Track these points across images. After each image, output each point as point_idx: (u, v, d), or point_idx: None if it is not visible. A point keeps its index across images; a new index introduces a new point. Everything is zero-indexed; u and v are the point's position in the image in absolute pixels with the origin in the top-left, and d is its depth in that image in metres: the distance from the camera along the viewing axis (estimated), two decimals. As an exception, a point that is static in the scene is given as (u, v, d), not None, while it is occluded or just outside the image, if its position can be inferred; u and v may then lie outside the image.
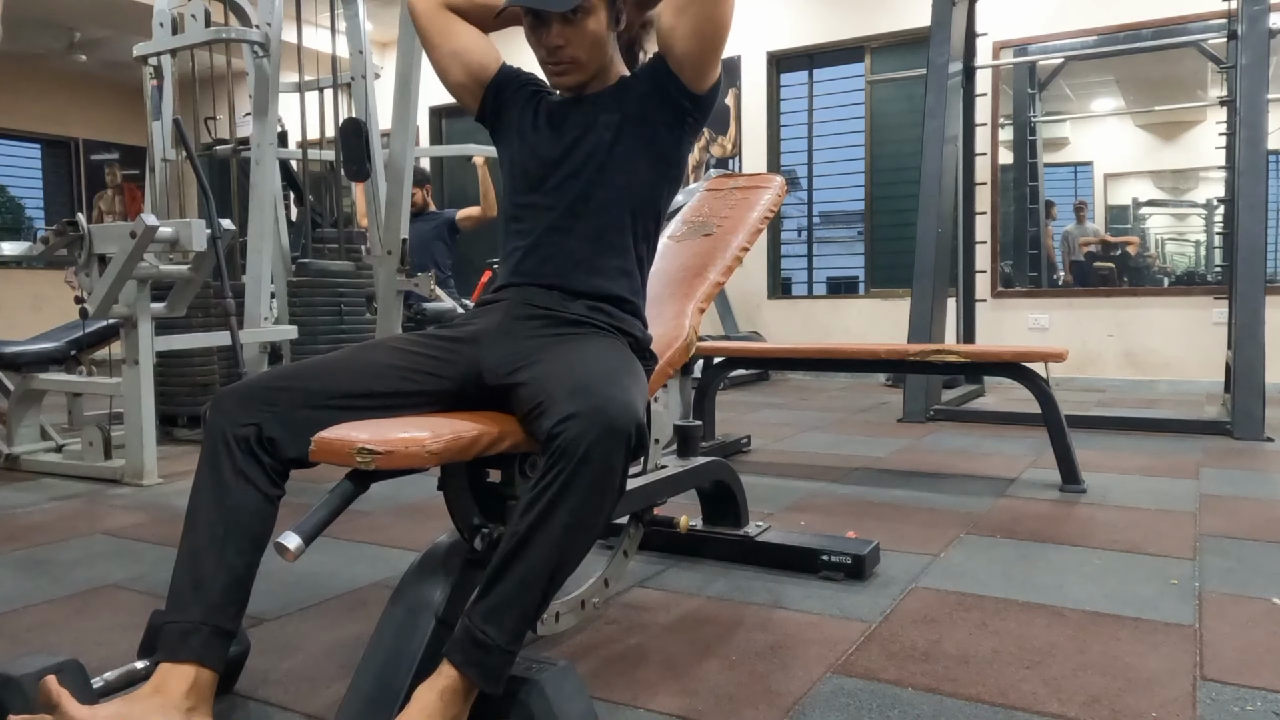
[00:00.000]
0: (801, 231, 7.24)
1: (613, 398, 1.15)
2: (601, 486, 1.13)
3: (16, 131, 8.81)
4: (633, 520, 1.80)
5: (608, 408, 1.13)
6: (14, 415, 3.47)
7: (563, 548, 1.13)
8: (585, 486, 1.11)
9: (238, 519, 1.20)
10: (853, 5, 6.69)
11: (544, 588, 1.14)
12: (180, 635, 1.15)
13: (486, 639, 1.11)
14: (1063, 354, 2.95)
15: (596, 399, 1.14)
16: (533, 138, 1.56)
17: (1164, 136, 6.30)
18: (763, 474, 3.16)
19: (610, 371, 1.26)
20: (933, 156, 4.76)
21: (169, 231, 2.95)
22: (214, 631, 1.16)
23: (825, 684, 1.45)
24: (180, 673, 1.13)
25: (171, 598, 1.19)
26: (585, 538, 1.16)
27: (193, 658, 1.14)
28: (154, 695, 1.12)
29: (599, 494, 1.13)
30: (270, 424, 1.22)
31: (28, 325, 5.64)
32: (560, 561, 1.14)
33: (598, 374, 1.23)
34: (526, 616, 1.14)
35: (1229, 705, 1.36)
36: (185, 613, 1.16)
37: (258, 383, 1.27)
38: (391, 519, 2.57)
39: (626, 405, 1.15)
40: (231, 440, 1.21)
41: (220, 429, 1.22)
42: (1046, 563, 2.10)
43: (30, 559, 2.24)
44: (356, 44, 4.33)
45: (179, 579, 1.19)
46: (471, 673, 1.11)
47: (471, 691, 1.12)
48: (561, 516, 1.11)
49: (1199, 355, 5.67)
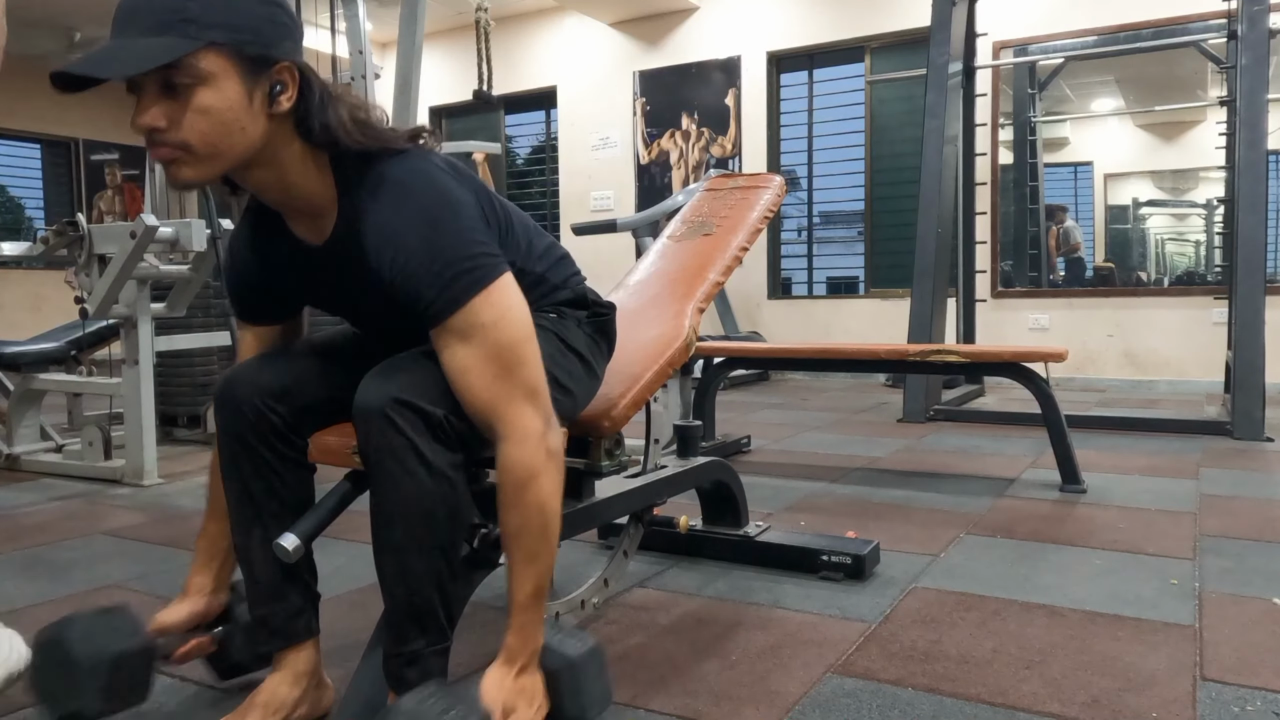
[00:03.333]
0: (801, 231, 7.24)
1: (388, 384, 1.10)
2: (382, 467, 1.10)
3: (16, 131, 8.80)
4: (633, 520, 1.80)
5: (378, 395, 1.09)
6: (14, 415, 3.47)
7: (387, 540, 1.13)
8: (374, 476, 1.11)
9: (293, 504, 1.27)
10: (853, 5, 6.69)
11: (393, 580, 1.13)
12: (290, 619, 1.27)
13: (385, 645, 1.15)
14: (1063, 354, 2.95)
15: (373, 387, 1.11)
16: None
17: (1164, 136, 6.30)
18: (763, 474, 3.16)
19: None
20: (933, 156, 4.75)
21: (169, 231, 2.95)
22: (313, 603, 1.31)
23: (825, 684, 1.45)
24: (300, 652, 1.28)
25: (254, 587, 1.27)
26: (410, 522, 1.11)
27: (308, 634, 1.29)
28: (284, 678, 1.27)
29: (385, 481, 1.10)
30: (293, 413, 1.25)
31: (28, 325, 5.64)
32: (391, 552, 1.13)
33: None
34: (402, 613, 1.13)
35: (1229, 705, 1.36)
36: (288, 599, 1.27)
37: (270, 370, 1.27)
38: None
39: (397, 387, 1.10)
40: (258, 427, 1.24)
41: (242, 418, 1.24)
42: (1046, 563, 2.10)
43: (30, 559, 2.24)
44: (356, 44, 4.33)
45: (263, 573, 1.26)
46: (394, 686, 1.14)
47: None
48: (375, 511, 1.13)
49: (1199, 355, 5.66)
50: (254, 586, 1.28)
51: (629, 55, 7.55)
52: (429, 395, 1.10)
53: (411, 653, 1.13)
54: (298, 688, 1.27)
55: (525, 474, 1.12)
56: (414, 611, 1.13)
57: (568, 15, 7.69)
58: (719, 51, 7.16)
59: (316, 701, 1.31)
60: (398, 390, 1.08)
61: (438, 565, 1.12)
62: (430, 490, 1.09)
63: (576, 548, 2.22)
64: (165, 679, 1.51)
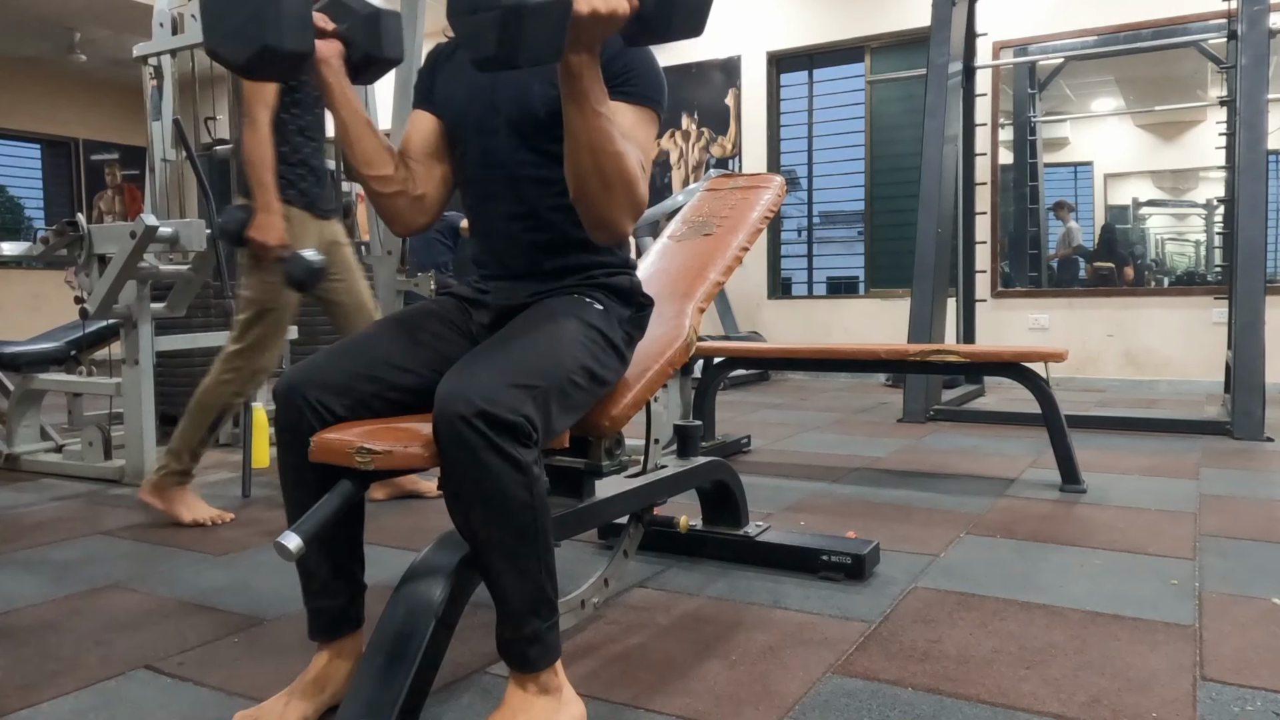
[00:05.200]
0: (801, 231, 7.24)
1: (462, 391, 1.16)
2: (466, 475, 1.16)
3: (16, 131, 8.81)
4: (633, 520, 1.80)
5: (455, 402, 1.15)
6: (14, 415, 3.47)
7: (487, 541, 1.20)
8: (457, 486, 1.18)
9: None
10: (853, 5, 6.69)
11: (504, 575, 1.21)
12: (342, 611, 1.37)
13: (504, 633, 1.24)
14: (1063, 354, 2.95)
15: (449, 393, 1.16)
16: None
17: (1164, 136, 6.30)
18: (763, 474, 3.16)
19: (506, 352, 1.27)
20: (933, 156, 4.75)
21: (169, 231, 2.95)
22: (360, 596, 1.40)
23: (825, 684, 1.45)
24: (347, 640, 1.38)
25: (315, 583, 1.36)
26: (506, 518, 1.18)
27: (356, 625, 1.39)
28: (332, 663, 1.37)
29: (474, 487, 1.16)
30: (347, 408, 1.30)
31: (28, 325, 5.64)
32: (495, 550, 1.20)
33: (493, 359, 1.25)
34: (517, 603, 1.21)
35: (1229, 705, 1.36)
36: (338, 594, 1.37)
37: (333, 370, 1.32)
38: (391, 519, 2.57)
39: (471, 393, 1.15)
40: (310, 425, 1.28)
41: (304, 420, 1.28)
42: (1046, 563, 2.10)
43: (30, 559, 2.24)
44: (356, 44, 4.33)
45: (319, 568, 1.35)
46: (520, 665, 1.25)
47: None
48: (465, 516, 1.20)
49: (1199, 355, 5.67)
50: (308, 581, 1.37)
51: (629, 55, 7.54)
52: (508, 400, 1.16)
53: (532, 633, 1.22)
54: (343, 671, 1.37)
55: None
56: (530, 599, 1.21)
57: (568, 15, 7.68)
58: (719, 51, 7.16)
59: None
60: (479, 399, 1.14)
61: (541, 552, 1.21)
62: (521, 489, 1.17)
63: (576, 548, 2.22)
64: (167, 679, 1.51)
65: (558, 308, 1.39)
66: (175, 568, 2.14)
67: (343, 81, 1.35)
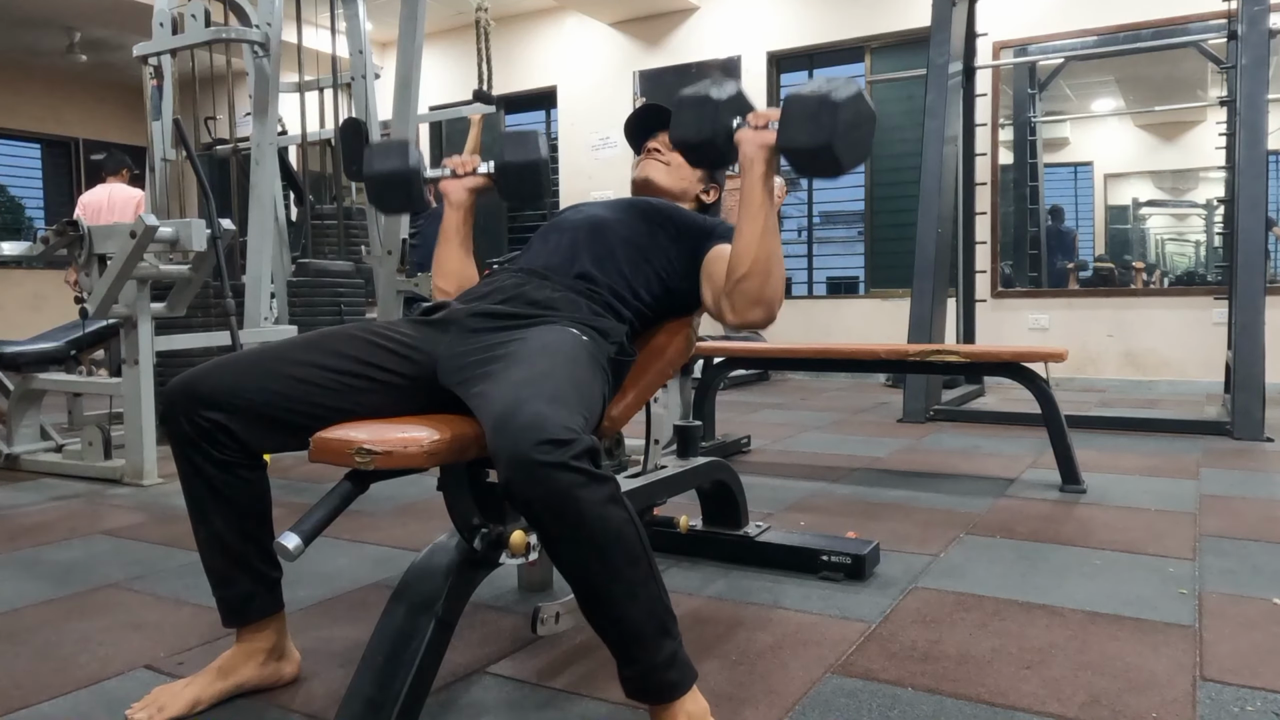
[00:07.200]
0: (801, 231, 7.24)
1: (527, 425, 1.07)
2: (563, 513, 1.06)
3: (16, 131, 8.80)
4: (633, 520, 1.79)
5: (520, 442, 1.05)
6: (14, 415, 3.47)
7: (601, 575, 1.12)
8: (555, 528, 1.08)
9: (239, 502, 1.34)
10: (853, 5, 6.69)
11: (626, 605, 1.13)
12: (242, 602, 1.38)
13: (637, 669, 1.16)
14: (1063, 354, 2.95)
15: (511, 432, 1.07)
16: None
17: (1164, 137, 6.31)
18: (763, 474, 3.16)
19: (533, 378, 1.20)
20: (933, 156, 4.75)
21: (169, 231, 2.95)
22: (267, 587, 1.39)
23: (825, 684, 1.45)
24: (258, 630, 1.41)
25: (214, 575, 1.38)
26: (613, 545, 1.11)
27: (260, 615, 1.40)
28: (240, 651, 1.40)
29: (573, 523, 1.07)
30: (233, 423, 1.29)
31: (28, 325, 5.64)
32: (612, 582, 1.12)
33: (521, 392, 1.15)
34: (646, 629, 1.15)
35: (1229, 705, 1.36)
36: (237, 585, 1.37)
37: (215, 382, 1.29)
38: (391, 519, 2.57)
39: (539, 424, 1.07)
40: (198, 437, 1.29)
41: (183, 428, 1.29)
42: (1046, 563, 2.10)
43: (30, 559, 2.24)
44: (356, 44, 4.33)
45: (214, 561, 1.37)
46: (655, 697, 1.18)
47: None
48: (572, 561, 1.11)
49: (1199, 355, 5.66)
50: (210, 574, 1.39)
51: (629, 55, 7.55)
52: (568, 422, 1.08)
53: (669, 655, 1.16)
54: (253, 660, 1.41)
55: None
56: (658, 620, 1.15)
57: (568, 15, 7.69)
58: (719, 51, 7.16)
59: (276, 672, 1.44)
60: (543, 429, 1.06)
61: (652, 566, 1.16)
62: (618, 507, 1.11)
63: (576, 548, 2.22)
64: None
65: (550, 335, 1.36)
66: (175, 567, 2.14)
67: (461, 216, 1.74)
